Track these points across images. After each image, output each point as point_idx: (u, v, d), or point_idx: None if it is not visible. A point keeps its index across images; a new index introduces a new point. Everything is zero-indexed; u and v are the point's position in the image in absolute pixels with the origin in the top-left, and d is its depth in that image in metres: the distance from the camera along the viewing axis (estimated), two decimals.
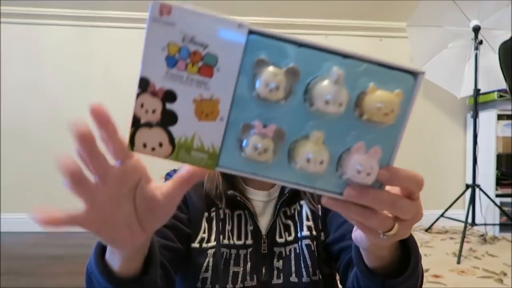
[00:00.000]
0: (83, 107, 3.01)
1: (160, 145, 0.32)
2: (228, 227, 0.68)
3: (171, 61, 0.31)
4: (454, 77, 2.50)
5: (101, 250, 0.42)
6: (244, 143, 0.32)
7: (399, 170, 0.34)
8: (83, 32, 2.58)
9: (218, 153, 0.33)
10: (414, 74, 0.33)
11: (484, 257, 2.04)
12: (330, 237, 0.69)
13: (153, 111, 0.32)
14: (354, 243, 0.46)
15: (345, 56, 0.32)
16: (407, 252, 0.47)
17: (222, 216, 0.69)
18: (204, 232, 0.67)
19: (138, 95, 0.31)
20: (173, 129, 0.32)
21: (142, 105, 0.32)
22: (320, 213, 0.71)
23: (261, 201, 0.71)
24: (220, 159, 0.33)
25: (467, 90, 2.46)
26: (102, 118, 0.31)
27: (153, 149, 0.32)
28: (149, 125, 0.32)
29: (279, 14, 2.64)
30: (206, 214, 0.69)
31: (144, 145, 0.32)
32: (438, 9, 2.32)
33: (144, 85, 0.31)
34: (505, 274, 1.81)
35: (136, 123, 0.32)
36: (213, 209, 0.69)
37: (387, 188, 0.34)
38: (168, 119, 0.32)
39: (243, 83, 0.32)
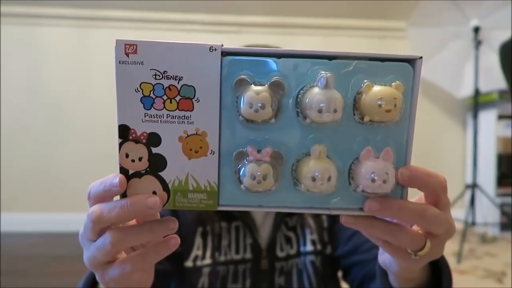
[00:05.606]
0: (83, 107, 2.99)
1: (154, 194, 0.31)
2: (224, 242, 0.63)
3: (148, 102, 0.29)
4: (454, 77, 2.49)
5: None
6: (241, 174, 0.29)
7: (419, 168, 0.30)
8: (83, 32, 2.57)
9: (217, 190, 0.30)
10: (411, 61, 0.30)
11: (484, 257, 2.04)
12: (340, 249, 0.65)
13: (140, 159, 0.30)
14: (378, 267, 0.42)
15: (331, 57, 0.29)
16: (437, 269, 0.42)
17: (218, 230, 0.63)
18: (198, 249, 0.62)
19: (120, 145, 0.30)
20: (164, 173, 0.30)
21: (127, 155, 0.30)
22: (326, 224, 0.66)
23: (260, 211, 0.67)
24: (220, 196, 0.31)
25: (467, 90, 2.45)
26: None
27: None
28: (138, 174, 0.30)
29: (279, 13, 2.64)
30: (200, 228, 0.63)
31: None
32: (438, 9, 2.31)
33: (124, 133, 0.30)
34: (504, 274, 1.80)
35: (125, 175, 0.30)
36: (208, 222, 0.64)
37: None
38: (157, 164, 0.30)
39: (227, 109, 0.30)
